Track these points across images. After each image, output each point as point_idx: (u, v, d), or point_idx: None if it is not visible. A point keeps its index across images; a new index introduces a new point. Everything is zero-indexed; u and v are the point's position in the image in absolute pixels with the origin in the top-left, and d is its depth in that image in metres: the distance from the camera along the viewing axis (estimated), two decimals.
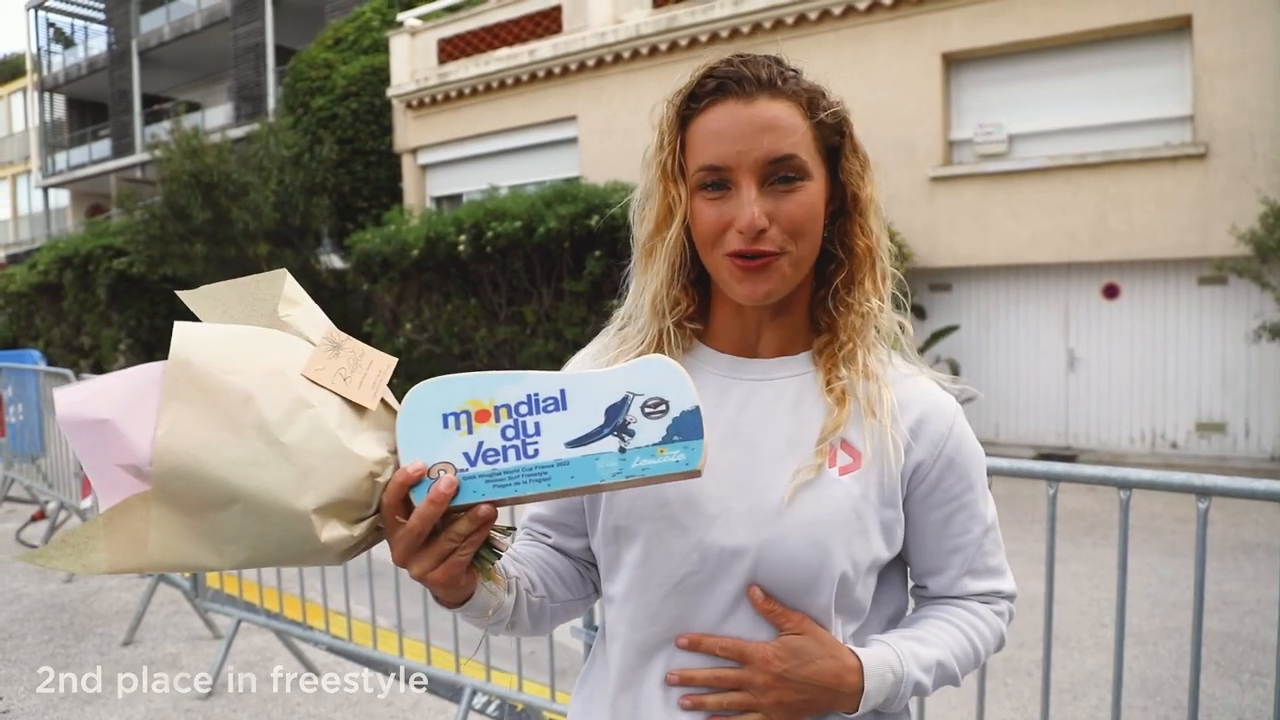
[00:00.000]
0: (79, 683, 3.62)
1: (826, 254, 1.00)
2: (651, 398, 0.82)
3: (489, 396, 0.82)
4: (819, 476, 0.93)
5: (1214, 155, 8.05)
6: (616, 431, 0.81)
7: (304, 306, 0.89)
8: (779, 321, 1.01)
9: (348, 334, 0.88)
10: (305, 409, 0.79)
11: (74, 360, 18.47)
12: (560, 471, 0.81)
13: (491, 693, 3.04)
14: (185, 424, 0.76)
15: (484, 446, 0.82)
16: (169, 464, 0.75)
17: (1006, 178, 9.05)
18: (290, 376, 0.80)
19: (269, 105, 21.42)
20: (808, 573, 0.93)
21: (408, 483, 0.80)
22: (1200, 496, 1.67)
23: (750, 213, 0.90)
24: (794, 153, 0.91)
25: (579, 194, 9.93)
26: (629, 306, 1.05)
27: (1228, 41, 7.94)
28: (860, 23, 9.73)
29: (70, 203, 30.58)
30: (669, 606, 0.97)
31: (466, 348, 11.27)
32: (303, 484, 0.77)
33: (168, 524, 0.77)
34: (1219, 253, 7.95)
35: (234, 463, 0.76)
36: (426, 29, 14.07)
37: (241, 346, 0.80)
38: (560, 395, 0.82)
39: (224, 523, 0.78)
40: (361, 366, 0.85)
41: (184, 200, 13.50)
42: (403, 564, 0.84)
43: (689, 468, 0.81)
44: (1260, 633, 4.21)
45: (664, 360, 0.83)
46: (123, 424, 0.76)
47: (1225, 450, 8.50)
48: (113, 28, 27.28)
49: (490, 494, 0.81)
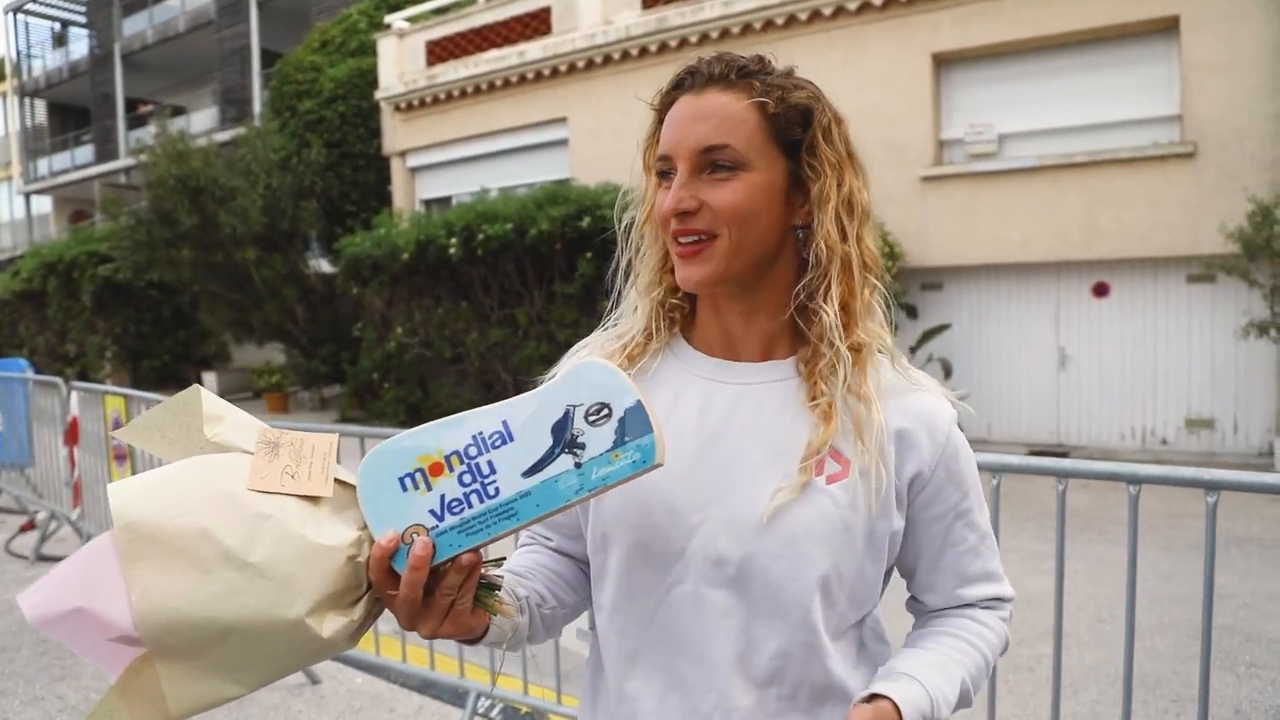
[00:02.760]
0: (75, 696, 3.58)
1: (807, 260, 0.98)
2: (592, 405, 0.81)
3: (436, 448, 0.82)
4: (803, 492, 0.92)
5: (1202, 154, 8.11)
6: (567, 448, 0.81)
7: (229, 418, 0.88)
8: (755, 324, 0.99)
9: (279, 429, 0.88)
10: (264, 522, 0.79)
11: (59, 369, 18.32)
12: (525, 503, 0.81)
13: (496, 696, 3.02)
14: (154, 582, 0.75)
15: (447, 498, 0.82)
16: (154, 624, 0.75)
17: (997, 177, 9.10)
18: (239, 495, 0.80)
19: (255, 109, 21.30)
20: (792, 585, 0.93)
21: (386, 556, 0.81)
22: (1209, 491, 1.68)
23: (674, 196, 0.92)
24: (726, 142, 0.92)
25: (570, 195, 9.92)
26: (626, 291, 1.08)
27: (1215, 41, 8.01)
28: (850, 23, 9.76)
29: (53, 209, 30.33)
30: (657, 615, 0.97)
31: (458, 351, 11.24)
32: (286, 594, 0.77)
33: (176, 674, 0.78)
34: (1208, 251, 8.01)
35: (213, 599, 0.76)
36: (415, 31, 14.03)
37: (179, 486, 0.79)
38: (504, 427, 0.82)
39: (227, 655, 0.78)
40: (305, 456, 0.85)
41: (170, 205, 13.41)
42: (411, 629, 0.85)
43: (647, 464, 0.80)
44: (1255, 625, 4.24)
45: (594, 363, 0.82)
46: (94, 605, 0.76)
47: (1214, 446, 8.57)
48: (95, 31, 27.07)
49: (466, 543, 0.82)
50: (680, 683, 0.97)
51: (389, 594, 0.82)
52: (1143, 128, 8.57)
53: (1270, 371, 8.22)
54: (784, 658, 0.94)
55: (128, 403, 4.43)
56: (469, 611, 0.86)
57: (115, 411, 4.52)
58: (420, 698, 3.55)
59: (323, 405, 14.74)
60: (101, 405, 4.78)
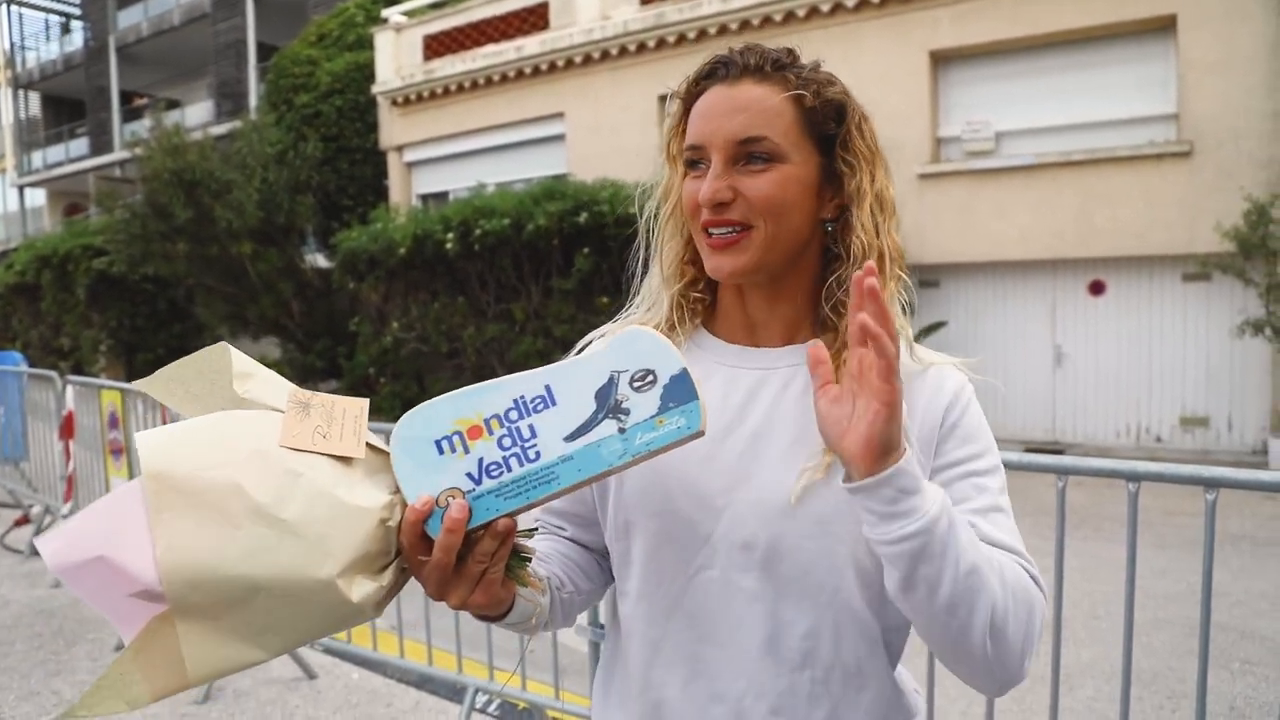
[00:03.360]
0: (70, 691, 3.57)
1: (833, 252, 0.99)
2: (637, 371, 0.80)
3: (475, 411, 0.81)
4: (831, 467, 0.91)
5: (1198, 153, 8.13)
6: (611, 414, 0.80)
7: (259, 377, 0.86)
8: (778, 310, 1.00)
9: (311, 390, 0.87)
10: (296, 479, 0.77)
11: (53, 362, 18.25)
12: (567, 468, 0.80)
13: (494, 692, 3.03)
14: (182, 535, 0.73)
15: (485, 462, 0.81)
16: (179, 579, 0.72)
17: (994, 175, 9.11)
18: (270, 452, 0.78)
19: (250, 102, 21.24)
20: (822, 564, 0.92)
21: (420, 519, 0.79)
22: (1208, 489, 1.69)
23: (711, 186, 0.92)
24: (764, 134, 0.91)
25: (568, 191, 9.91)
26: (645, 283, 1.07)
27: (1212, 40, 8.02)
28: (849, 20, 9.76)
29: (47, 202, 30.21)
30: (684, 602, 0.96)
31: (454, 346, 11.22)
32: (318, 554, 0.75)
33: (198, 635, 0.75)
34: (1203, 250, 8.04)
35: (243, 556, 0.74)
36: (412, 25, 14.00)
37: (210, 438, 0.77)
38: (547, 391, 0.81)
39: (253, 616, 0.76)
40: (336, 418, 0.83)
41: (166, 199, 13.36)
42: (439, 597, 0.83)
43: (691, 430, 0.80)
44: (1248, 622, 4.26)
45: (641, 330, 0.82)
46: (117, 555, 0.73)
47: (1209, 444, 8.60)
48: (89, 23, 26.96)
49: (504, 507, 0.81)
50: (706, 669, 0.96)
51: (419, 560, 0.81)
52: (1139, 126, 8.59)
53: (1264, 370, 8.25)
54: (814, 638, 0.93)
55: (124, 397, 4.42)
56: (500, 581, 0.85)
57: (111, 405, 4.51)
58: (417, 693, 3.55)
59: None
60: (97, 399, 4.76)
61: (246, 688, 3.58)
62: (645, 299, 1.07)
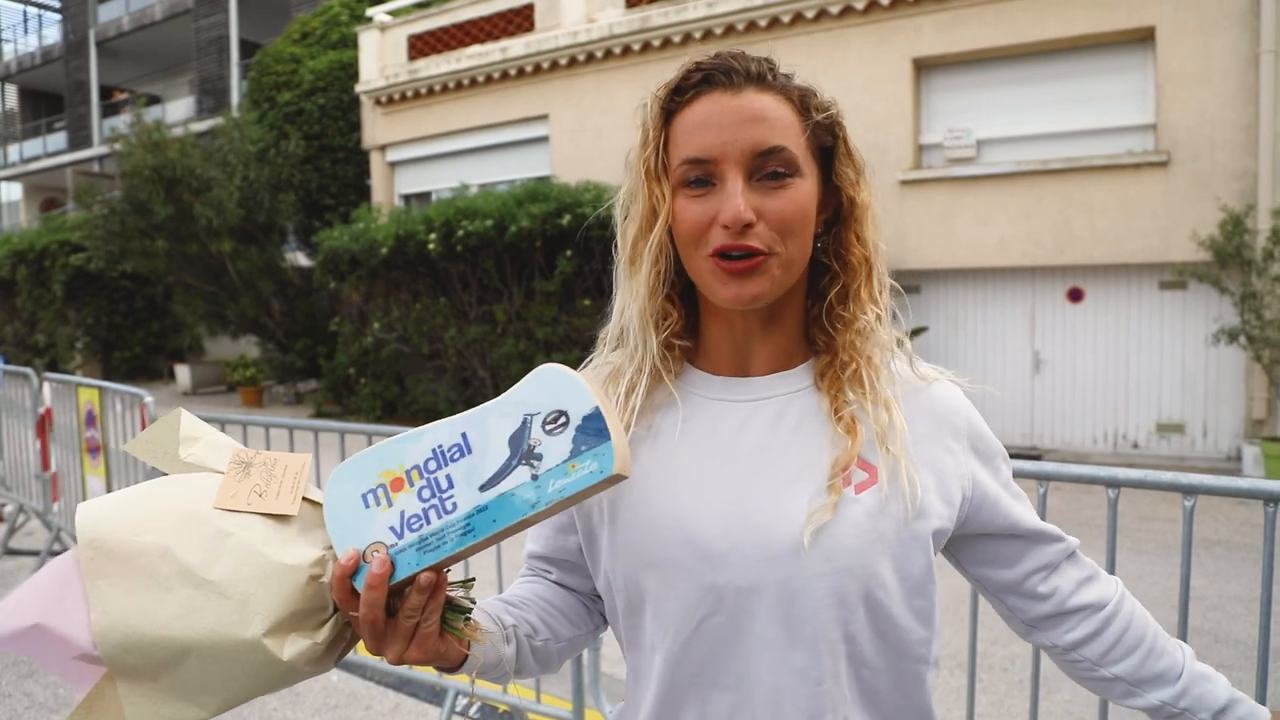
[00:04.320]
0: (43, 693, 3.53)
1: (820, 266, 0.95)
2: (549, 413, 0.77)
3: (398, 463, 0.80)
4: (835, 511, 0.87)
5: (1176, 163, 8.24)
6: (524, 460, 0.77)
7: (204, 439, 0.88)
8: (770, 336, 0.94)
9: (255, 449, 0.88)
10: (225, 540, 0.78)
11: (27, 359, 18.02)
12: (481, 519, 0.78)
13: (474, 695, 3.01)
14: (115, 599, 0.75)
15: (406, 515, 0.79)
16: (112, 642, 0.75)
17: (975, 182, 9.19)
18: (203, 514, 0.79)
19: (232, 99, 21.07)
20: (833, 604, 0.88)
21: (346, 575, 0.78)
22: (1186, 495, 1.71)
23: (736, 204, 0.83)
24: (784, 145, 0.86)
25: (551, 193, 9.90)
26: (614, 325, 0.99)
27: (1190, 52, 8.13)
28: (833, 27, 9.82)
29: (23, 196, 29.81)
30: (693, 650, 0.91)
31: (436, 347, 11.18)
32: (244, 613, 0.76)
33: (138, 695, 0.77)
34: (1180, 258, 8.14)
35: (172, 618, 0.75)
36: (397, 25, 13.94)
37: (147, 505, 0.79)
38: (463, 439, 0.79)
39: (187, 675, 0.77)
40: (276, 475, 0.84)
41: (145, 195, 13.23)
42: (377, 653, 0.82)
43: (605, 475, 0.75)
44: (1223, 626, 4.32)
45: (552, 369, 0.78)
46: (53, 622, 0.75)
47: (1184, 450, 8.71)
48: (69, 17, 26.64)
49: (424, 561, 0.78)
50: (716, 713, 0.91)
51: (353, 615, 0.79)
52: (1118, 136, 8.69)
53: (1239, 378, 8.37)
54: (829, 681, 0.89)
55: (102, 395, 4.37)
56: (436, 635, 0.83)
57: (89, 403, 4.45)
58: (397, 695, 3.53)
59: (298, 400, 14.61)
60: (75, 397, 4.70)
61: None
62: (619, 340, 0.98)
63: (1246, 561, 5.34)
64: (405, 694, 3.53)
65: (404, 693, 3.54)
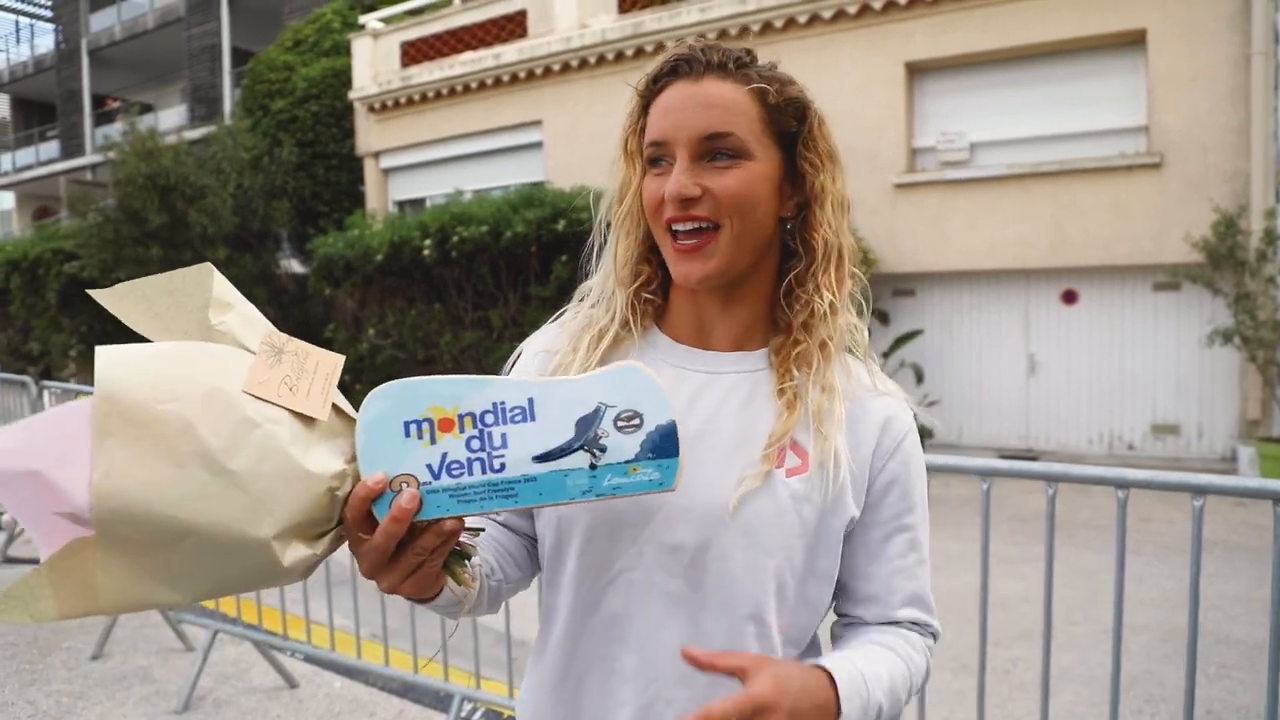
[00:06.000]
0: (46, 701, 3.51)
1: (790, 250, 1.00)
2: (625, 410, 0.77)
3: (453, 404, 0.78)
4: (765, 481, 0.92)
5: (1168, 165, 8.29)
6: (587, 446, 0.77)
7: (238, 309, 0.81)
8: (732, 313, 0.99)
9: (286, 335, 0.82)
10: (252, 430, 0.73)
11: (21, 367, 17.92)
12: (528, 488, 0.78)
13: (480, 700, 3.01)
14: (122, 464, 0.69)
15: (448, 458, 0.77)
16: (109, 509, 0.69)
17: (968, 185, 9.23)
18: (231, 395, 0.73)
19: (224, 107, 21.04)
20: (747, 576, 0.92)
21: (369, 498, 0.77)
22: (1195, 495, 1.72)
23: (678, 181, 0.91)
24: (729, 130, 0.91)
25: (546, 198, 9.90)
26: (597, 280, 1.06)
27: (1181, 55, 8.19)
28: (825, 31, 9.86)
29: (15, 205, 29.69)
30: (604, 601, 0.95)
31: (431, 353, 11.16)
32: (258, 511, 0.72)
33: (116, 566, 0.71)
34: (1173, 260, 8.19)
35: (180, 499, 0.70)
36: (389, 32, 13.94)
37: (173, 368, 0.73)
38: (528, 405, 0.78)
39: (177, 560, 0.73)
40: (308, 371, 0.79)
41: (139, 203, 13.19)
42: (371, 577, 0.82)
43: (663, 487, 0.77)
44: (1223, 627, 4.34)
45: (638, 369, 0.79)
46: (54, 473, 0.69)
47: (1179, 451, 8.75)
48: (61, 25, 26.58)
49: (455, 509, 0.78)
50: (619, 671, 0.95)
51: (359, 536, 0.78)
52: (1110, 138, 8.74)
53: (1233, 378, 8.41)
54: (737, 646, 0.92)
55: None
56: (434, 574, 0.83)
57: None
58: (401, 701, 3.52)
59: None
60: None
61: (226, 696, 3.53)
62: (596, 296, 1.05)
63: (1245, 562, 5.36)
64: (409, 700, 3.52)
65: (408, 699, 3.53)
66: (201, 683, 3.56)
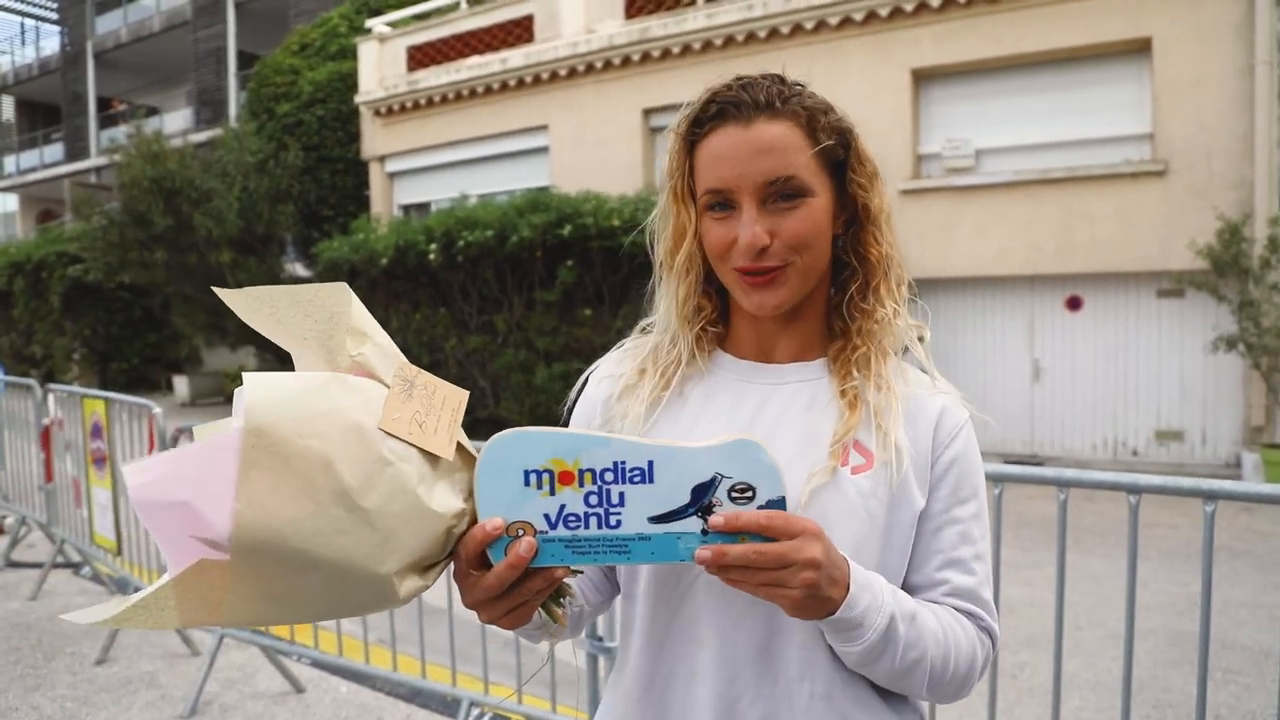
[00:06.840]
0: (50, 706, 3.51)
1: (842, 262, 1.04)
2: (739, 482, 0.81)
3: (574, 458, 0.81)
4: (833, 477, 0.94)
5: (1173, 172, 8.29)
6: (701, 512, 0.81)
7: (374, 340, 0.83)
8: (793, 328, 1.04)
9: (415, 367, 0.84)
10: (385, 468, 0.76)
11: (24, 370, 17.96)
12: (641, 546, 0.81)
13: (488, 705, 3.01)
14: (263, 496, 0.72)
15: (565, 510, 0.81)
16: (248, 538, 0.72)
17: (974, 192, 9.23)
18: (368, 432, 0.76)
19: (230, 110, 21.11)
20: None
21: (486, 541, 0.80)
22: (1207, 500, 1.72)
23: (750, 233, 0.93)
24: (792, 173, 0.94)
25: (551, 203, 9.92)
26: (660, 317, 1.10)
27: (1186, 62, 8.20)
28: (832, 38, 9.88)
29: (20, 207, 29.77)
30: (686, 605, 0.98)
31: (436, 357, 11.17)
32: (384, 549, 0.76)
33: (243, 590, 0.75)
34: (1178, 267, 8.19)
35: (315, 533, 0.73)
36: (396, 36, 13.98)
37: (316, 404, 0.75)
38: (648, 467, 0.81)
39: (303, 587, 0.76)
40: (435, 407, 0.82)
41: (144, 206, 13.24)
42: (472, 608, 0.86)
43: None
44: (1228, 632, 4.33)
45: (755, 444, 0.82)
46: (199, 503, 0.72)
47: (1183, 457, 8.73)
48: (67, 28, 26.68)
49: (569, 560, 0.81)
50: (703, 672, 0.97)
51: (470, 573, 0.82)
52: (1116, 145, 8.74)
53: (1237, 385, 8.40)
54: (811, 649, 0.94)
55: (108, 406, 4.36)
56: (533, 611, 0.87)
57: (95, 415, 4.44)
58: (408, 706, 3.52)
59: None
60: (80, 408, 4.69)
61: (233, 701, 3.53)
62: (660, 330, 1.09)
63: (1249, 568, 5.36)
64: (416, 705, 3.52)
65: (415, 704, 3.53)
66: (208, 688, 3.56)
